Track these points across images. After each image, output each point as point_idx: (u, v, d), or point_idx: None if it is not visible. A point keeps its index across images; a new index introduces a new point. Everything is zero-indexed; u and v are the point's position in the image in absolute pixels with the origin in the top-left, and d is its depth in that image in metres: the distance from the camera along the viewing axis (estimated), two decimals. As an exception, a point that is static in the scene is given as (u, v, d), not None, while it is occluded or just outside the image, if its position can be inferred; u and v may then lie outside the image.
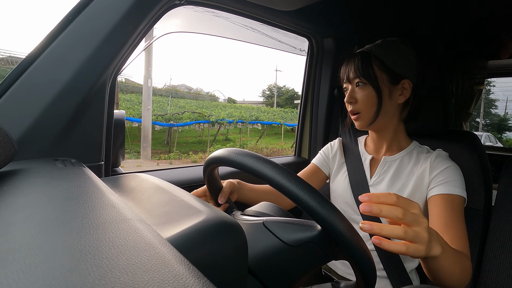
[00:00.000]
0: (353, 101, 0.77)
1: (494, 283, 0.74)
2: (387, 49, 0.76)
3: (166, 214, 0.32)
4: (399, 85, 0.76)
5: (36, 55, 0.55)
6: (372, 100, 0.75)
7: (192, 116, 11.81)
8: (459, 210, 0.68)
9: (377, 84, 0.74)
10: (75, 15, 0.57)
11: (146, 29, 0.69)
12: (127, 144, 9.93)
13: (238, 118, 12.70)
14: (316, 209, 0.37)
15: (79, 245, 0.19)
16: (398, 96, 0.77)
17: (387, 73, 0.75)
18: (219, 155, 0.48)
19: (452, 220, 0.66)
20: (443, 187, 0.71)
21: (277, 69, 31.08)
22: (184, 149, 11.16)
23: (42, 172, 0.41)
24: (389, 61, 0.75)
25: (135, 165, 7.98)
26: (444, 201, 0.69)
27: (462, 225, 0.67)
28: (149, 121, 8.76)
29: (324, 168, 0.94)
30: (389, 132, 0.81)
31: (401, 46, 0.78)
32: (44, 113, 0.54)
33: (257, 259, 0.41)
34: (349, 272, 0.84)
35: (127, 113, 10.02)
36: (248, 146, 12.02)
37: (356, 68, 0.75)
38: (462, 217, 0.68)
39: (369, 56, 0.76)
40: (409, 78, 0.76)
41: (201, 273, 0.18)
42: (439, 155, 0.76)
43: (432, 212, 0.70)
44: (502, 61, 1.79)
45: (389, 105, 0.77)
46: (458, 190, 0.69)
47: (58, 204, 0.27)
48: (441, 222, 0.66)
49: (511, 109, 23.65)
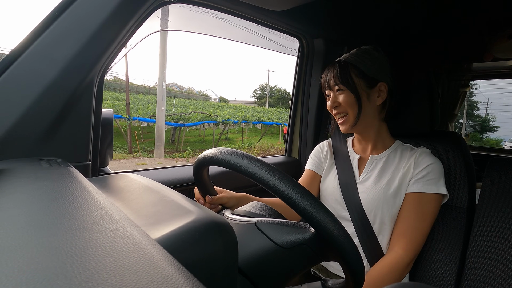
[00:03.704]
0: (336, 104, 0.83)
1: (478, 279, 0.77)
2: (361, 57, 0.83)
3: (155, 214, 0.31)
4: (375, 88, 0.82)
5: (20, 51, 0.53)
6: (353, 103, 0.81)
7: (200, 116, 12.18)
8: (430, 209, 0.76)
9: (355, 89, 0.80)
10: (62, 11, 0.56)
11: (135, 26, 0.68)
12: (135, 143, 10.14)
13: (243, 119, 13.12)
14: (310, 212, 0.37)
15: (65, 247, 0.18)
16: (376, 98, 0.83)
17: (363, 79, 0.81)
18: (210, 155, 0.48)
19: (416, 224, 0.75)
20: (422, 185, 0.77)
21: (269, 69, 31.17)
22: (187, 147, 11.37)
23: (26, 172, 0.40)
24: (364, 68, 0.81)
25: (157, 163, 8.32)
26: (417, 201, 0.77)
27: (426, 226, 0.76)
28: (163, 121, 9.05)
29: (319, 170, 0.97)
30: (372, 132, 0.86)
31: (374, 53, 0.84)
32: (29, 111, 0.52)
33: (249, 260, 0.40)
34: (339, 269, 0.86)
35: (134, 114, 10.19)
36: (255, 146, 12.20)
37: (336, 76, 0.82)
38: (430, 216, 0.76)
39: (346, 65, 0.82)
40: (384, 81, 0.82)
41: (190, 274, 0.17)
42: (423, 151, 0.81)
43: (403, 209, 0.78)
44: (486, 64, 1.84)
45: (369, 107, 0.82)
46: (434, 188, 0.76)
47: (43, 205, 0.26)
48: (405, 224, 0.76)
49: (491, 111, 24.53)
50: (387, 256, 0.74)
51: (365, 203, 0.81)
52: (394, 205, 0.78)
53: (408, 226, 0.75)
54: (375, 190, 0.80)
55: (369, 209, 0.80)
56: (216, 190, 0.69)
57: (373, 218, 0.80)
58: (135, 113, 10.66)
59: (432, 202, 0.76)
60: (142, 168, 2.61)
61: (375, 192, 0.80)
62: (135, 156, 9.28)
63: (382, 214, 0.78)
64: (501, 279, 0.73)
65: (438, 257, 0.81)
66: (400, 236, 0.75)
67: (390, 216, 0.78)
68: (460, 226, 0.81)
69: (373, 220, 0.80)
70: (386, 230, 0.80)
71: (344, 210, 0.85)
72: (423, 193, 0.76)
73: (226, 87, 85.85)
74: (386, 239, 0.80)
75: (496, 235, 0.77)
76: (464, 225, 0.81)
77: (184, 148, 11.12)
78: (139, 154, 9.55)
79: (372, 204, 0.79)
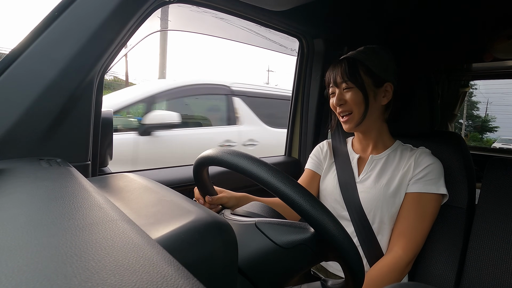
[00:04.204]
0: (342, 102, 0.81)
1: (478, 279, 0.77)
2: (369, 55, 0.81)
3: (155, 214, 0.31)
4: (382, 88, 0.81)
5: (20, 51, 0.53)
6: (360, 101, 0.79)
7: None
8: (430, 210, 0.76)
9: (364, 87, 0.79)
10: (62, 11, 0.56)
11: (135, 26, 0.68)
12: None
13: None
14: (310, 212, 0.37)
15: (65, 247, 0.18)
16: (381, 98, 0.82)
17: (371, 77, 0.80)
18: (210, 154, 0.48)
19: (415, 224, 0.75)
20: (421, 185, 0.77)
21: (269, 69, 31.14)
22: None
23: (26, 172, 0.40)
24: (373, 66, 0.80)
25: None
26: (416, 201, 0.76)
27: (426, 226, 0.76)
28: None
29: (319, 170, 0.97)
30: (374, 132, 0.86)
31: (382, 52, 0.83)
32: (29, 111, 0.52)
33: (249, 260, 0.40)
34: (339, 269, 0.86)
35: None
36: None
37: (343, 72, 0.80)
38: (430, 216, 0.76)
39: (355, 62, 0.80)
40: (390, 81, 0.81)
41: (190, 274, 0.17)
42: (423, 151, 0.81)
43: (403, 208, 0.78)
44: (485, 64, 1.84)
45: (374, 107, 0.81)
46: (434, 188, 0.76)
47: (42, 205, 0.26)
48: (404, 224, 0.76)
49: (491, 111, 24.54)
50: (386, 256, 0.74)
51: (364, 202, 0.81)
52: (393, 204, 0.78)
53: (407, 226, 0.75)
54: (375, 189, 0.80)
55: (369, 208, 0.80)
56: (216, 190, 0.69)
57: (373, 218, 0.80)
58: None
59: (432, 202, 0.76)
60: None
61: (374, 191, 0.80)
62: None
63: (382, 214, 0.79)
64: (500, 279, 0.73)
65: (438, 257, 0.81)
66: (400, 236, 0.75)
67: (389, 215, 0.78)
68: (459, 226, 0.81)
69: (372, 220, 0.80)
70: (386, 229, 0.80)
71: (343, 209, 0.85)
72: (423, 193, 0.76)
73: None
74: (385, 239, 0.80)
75: (496, 235, 0.77)
76: (463, 225, 0.81)
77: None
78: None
79: (372, 203, 0.79)
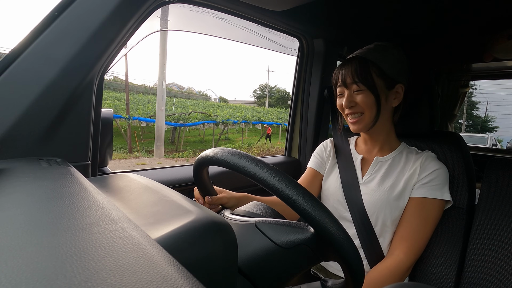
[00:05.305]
0: (353, 104, 0.78)
1: (477, 279, 0.77)
2: (382, 55, 0.77)
3: (155, 214, 0.31)
4: (393, 90, 0.78)
5: (19, 51, 0.53)
6: (372, 104, 0.76)
7: (199, 116, 12.18)
8: (433, 214, 0.76)
9: (375, 90, 0.75)
10: (62, 10, 0.56)
11: (135, 26, 0.68)
12: (135, 143, 10.24)
13: (243, 119, 13.08)
14: (310, 212, 0.37)
15: (65, 247, 0.18)
16: (392, 100, 0.79)
17: (383, 79, 0.76)
18: (209, 155, 0.48)
19: (418, 228, 0.74)
20: (426, 190, 0.76)
21: (269, 69, 31.17)
22: (186, 147, 11.45)
23: (26, 171, 0.40)
24: (386, 67, 0.76)
25: (157, 163, 8.46)
26: (420, 205, 0.76)
27: (428, 231, 0.75)
28: (163, 121, 9.09)
29: (321, 169, 0.95)
30: (382, 135, 0.84)
31: (394, 51, 0.79)
32: (28, 111, 0.52)
33: (248, 260, 0.40)
34: (339, 269, 0.85)
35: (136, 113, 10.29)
36: (255, 146, 12.26)
37: (354, 73, 0.76)
38: (433, 221, 0.76)
39: (367, 62, 0.76)
40: (402, 83, 0.79)
41: (190, 274, 0.17)
42: (429, 156, 0.80)
43: (406, 212, 0.77)
44: (485, 64, 1.84)
45: (385, 109, 0.79)
46: (439, 194, 0.75)
47: (42, 205, 0.26)
48: (407, 228, 0.75)
49: (491, 111, 24.55)
50: (387, 259, 0.73)
51: (367, 204, 0.80)
52: (397, 208, 0.77)
53: (410, 230, 0.74)
54: (379, 192, 0.79)
55: (372, 211, 0.79)
56: (216, 190, 0.69)
57: (375, 220, 0.79)
58: (135, 113, 10.72)
59: (435, 208, 0.75)
60: (141, 168, 2.61)
61: (378, 194, 0.79)
62: (135, 156, 9.31)
63: (385, 217, 0.78)
64: (500, 279, 0.73)
65: (438, 257, 0.81)
66: (402, 240, 0.74)
67: (392, 219, 0.78)
68: (459, 226, 0.81)
69: (375, 222, 0.79)
70: (388, 232, 0.79)
71: (345, 210, 0.84)
72: (427, 198, 0.75)
73: (226, 87, 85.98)
74: (387, 242, 0.79)
75: (496, 235, 0.77)
76: (463, 225, 0.81)
77: (184, 148, 11.17)
78: (138, 154, 9.59)
79: (375, 206, 0.78)
